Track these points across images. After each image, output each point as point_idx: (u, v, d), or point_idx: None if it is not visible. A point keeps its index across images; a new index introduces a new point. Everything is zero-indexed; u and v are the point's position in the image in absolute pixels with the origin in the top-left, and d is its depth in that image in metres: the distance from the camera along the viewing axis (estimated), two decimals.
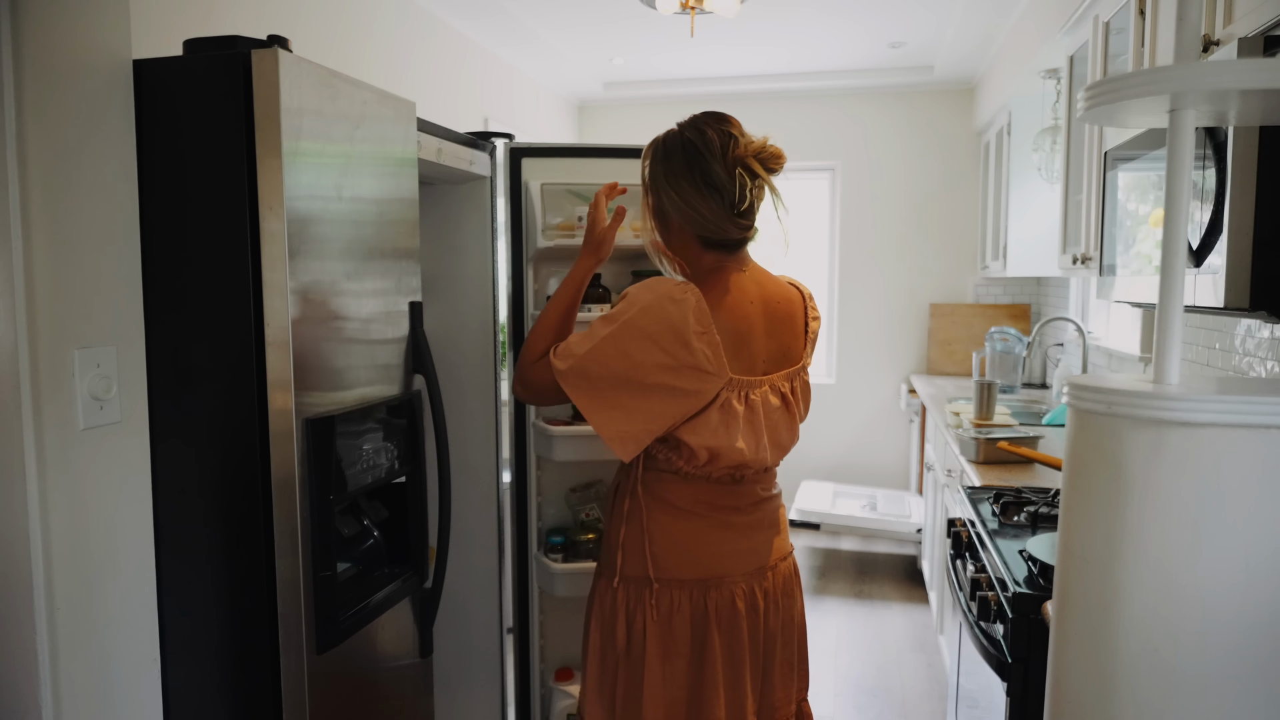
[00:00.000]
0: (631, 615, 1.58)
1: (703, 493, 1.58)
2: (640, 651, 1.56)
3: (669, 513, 1.58)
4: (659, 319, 1.46)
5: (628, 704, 1.58)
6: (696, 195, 1.52)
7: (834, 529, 4.41)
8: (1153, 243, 1.61)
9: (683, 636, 1.57)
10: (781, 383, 1.60)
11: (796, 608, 1.73)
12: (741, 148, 1.52)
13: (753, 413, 1.54)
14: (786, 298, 1.64)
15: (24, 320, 1.18)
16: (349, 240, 1.49)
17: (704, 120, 1.55)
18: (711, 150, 1.51)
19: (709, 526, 1.59)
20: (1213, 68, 0.94)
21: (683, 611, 1.57)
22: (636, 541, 1.59)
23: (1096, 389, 0.99)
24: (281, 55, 1.30)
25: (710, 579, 1.58)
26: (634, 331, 1.46)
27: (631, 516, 1.60)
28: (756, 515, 1.65)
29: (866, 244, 5.39)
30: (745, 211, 1.53)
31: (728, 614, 1.58)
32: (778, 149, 1.55)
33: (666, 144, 1.56)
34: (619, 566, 1.60)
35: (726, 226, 1.53)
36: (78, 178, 1.26)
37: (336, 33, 3.14)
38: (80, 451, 1.27)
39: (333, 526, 1.44)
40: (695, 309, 1.47)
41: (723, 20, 4.02)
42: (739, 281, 1.58)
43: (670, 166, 1.54)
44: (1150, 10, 2.00)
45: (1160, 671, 0.96)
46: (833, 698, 3.22)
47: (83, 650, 1.28)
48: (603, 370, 1.48)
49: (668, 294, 1.48)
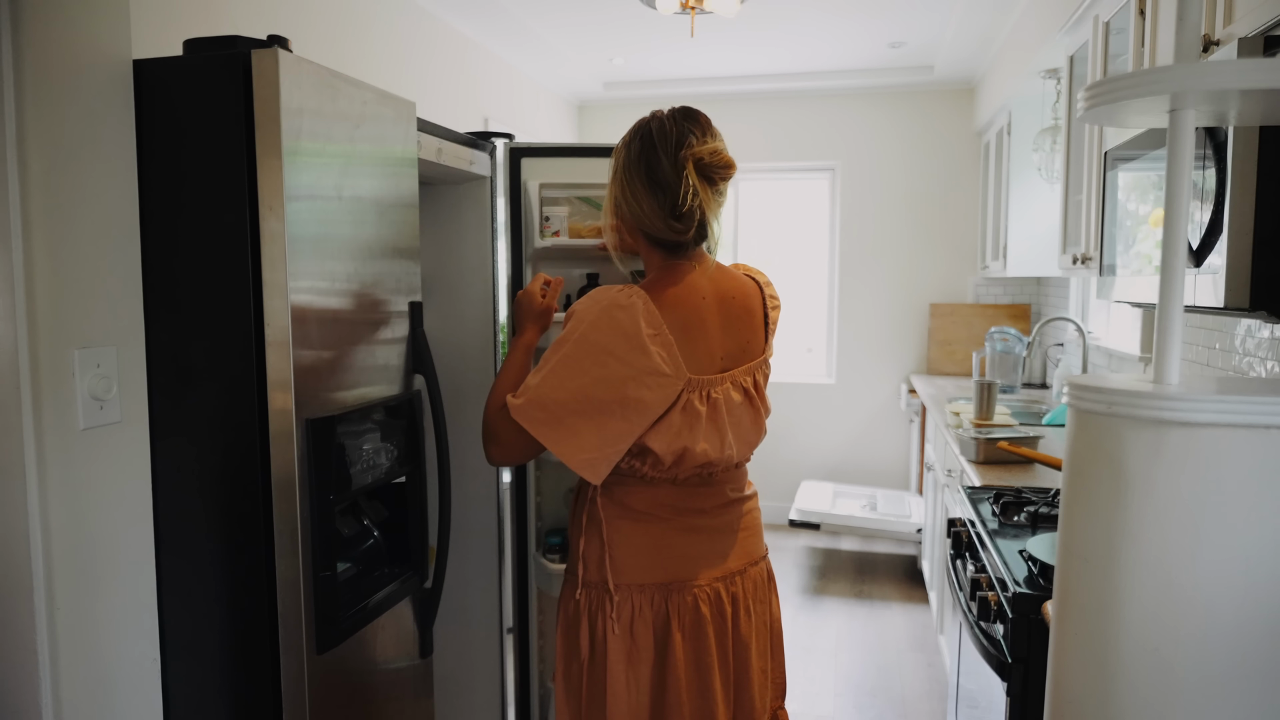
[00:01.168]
0: (594, 622, 1.56)
1: (666, 496, 1.55)
2: (603, 658, 1.54)
3: (629, 518, 1.55)
4: (610, 329, 1.43)
5: (592, 711, 1.56)
6: (642, 190, 1.49)
7: (834, 529, 4.41)
8: (1153, 243, 1.61)
9: (645, 643, 1.54)
10: (743, 377, 1.56)
11: (771, 613, 1.69)
12: (692, 149, 1.46)
13: (715, 411, 1.51)
14: (743, 291, 1.60)
15: (24, 320, 1.18)
16: (349, 240, 1.49)
17: (671, 114, 1.51)
18: (664, 145, 1.47)
19: (671, 530, 1.56)
20: (1213, 68, 0.94)
21: (644, 616, 1.54)
22: (596, 550, 1.56)
23: (1096, 389, 0.99)
24: (281, 55, 1.30)
25: (672, 583, 1.55)
26: (587, 348, 1.43)
27: (591, 526, 1.58)
28: (724, 518, 1.61)
29: (866, 244, 5.39)
30: (684, 215, 1.47)
31: (691, 618, 1.55)
32: (727, 158, 1.49)
33: (634, 132, 1.53)
34: (580, 575, 1.58)
35: (660, 227, 1.49)
36: (78, 178, 1.26)
37: (336, 33, 3.14)
38: (80, 451, 1.27)
39: (333, 526, 1.44)
40: (644, 312, 1.44)
41: (723, 20, 4.02)
42: (690, 279, 1.53)
43: (629, 156, 1.51)
44: (1150, 10, 2.00)
45: (1160, 671, 0.96)
46: (833, 698, 3.22)
47: (83, 650, 1.28)
48: (561, 395, 1.43)
49: (613, 302, 1.45)
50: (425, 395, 1.72)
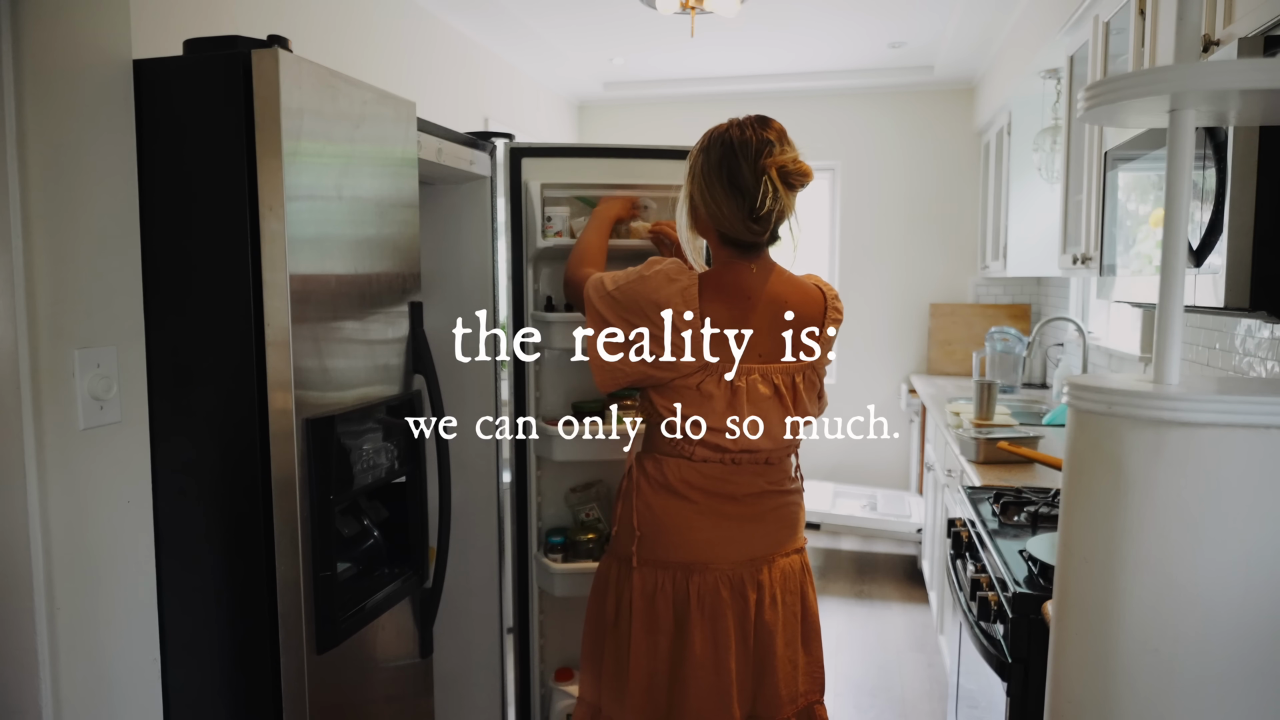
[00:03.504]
0: (620, 590, 1.69)
1: (698, 478, 1.65)
2: (627, 626, 1.66)
3: (661, 494, 1.66)
4: (649, 291, 1.61)
5: (615, 672, 1.68)
6: (722, 192, 1.59)
7: (834, 529, 4.41)
8: (1153, 243, 1.61)
9: (665, 616, 1.65)
10: (777, 375, 1.65)
11: (805, 605, 1.76)
12: (771, 156, 1.57)
13: (735, 395, 1.61)
14: (803, 299, 1.69)
15: (24, 320, 1.18)
16: (349, 240, 1.49)
17: (749, 122, 1.62)
18: (745, 152, 1.57)
19: (699, 513, 1.65)
20: (1213, 68, 0.94)
21: (665, 592, 1.65)
22: (627, 520, 1.69)
23: (1096, 389, 0.99)
24: (282, 55, 1.30)
25: (694, 564, 1.65)
26: (632, 293, 1.62)
27: (626, 495, 1.71)
28: (757, 508, 1.68)
29: (866, 244, 5.39)
30: (761, 217, 1.59)
31: (711, 600, 1.64)
32: (805, 166, 1.60)
33: (712, 138, 1.63)
34: (614, 543, 1.74)
35: (739, 228, 1.61)
36: (78, 178, 1.26)
37: (337, 33, 3.14)
38: (80, 451, 1.27)
39: (333, 526, 1.44)
40: (683, 292, 1.59)
41: (723, 20, 4.02)
42: (746, 277, 1.66)
43: (708, 160, 1.62)
44: (1150, 10, 2.00)
45: (1160, 671, 0.96)
46: (833, 698, 3.22)
47: (83, 650, 1.28)
48: (618, 301, 1.63)
49: (666, 272, 1.62)
50: (425, 395, 1.72)
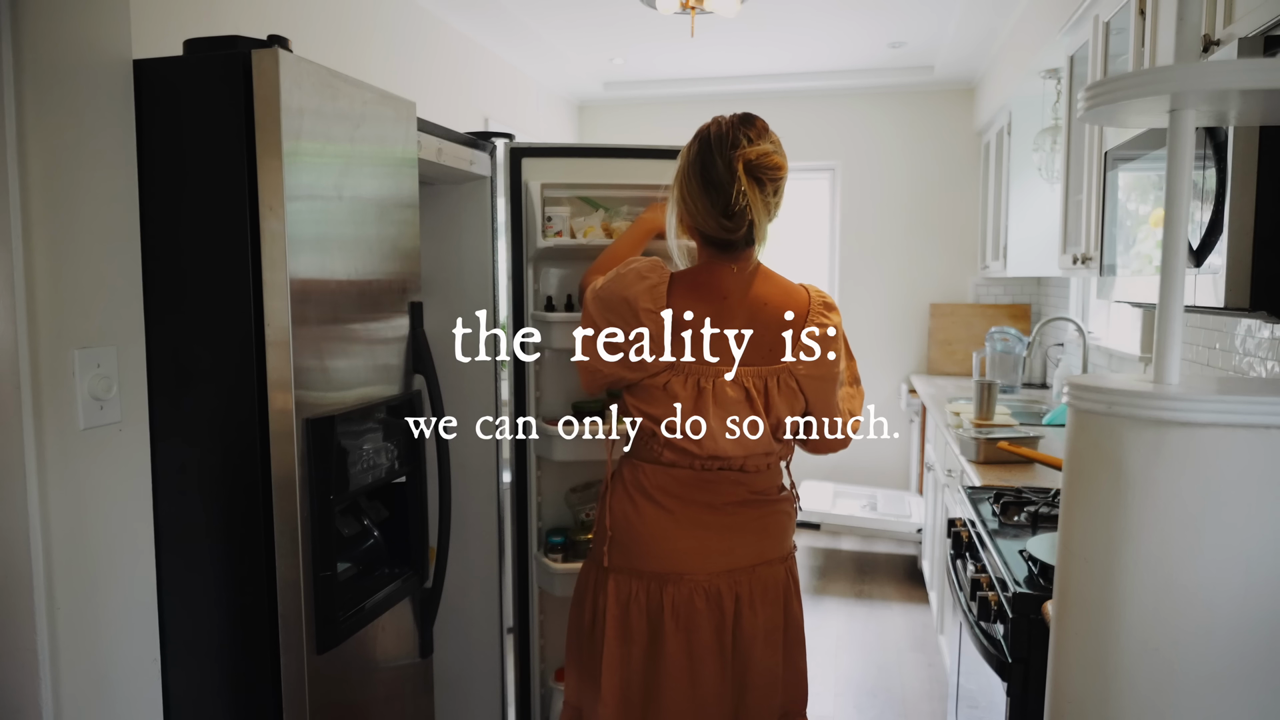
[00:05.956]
0: (596, 596, 1.67)
1: (675, 485, 1.61)
2: (601, 632, 1.64)
3: (637, 501, 1.63)
4: (620, 288, 1.59)
5: (592, 676, 1.67)
6: (698, 188, 1.56)
7: (834, 529, 4.41)
8: (1153, 243, 1.60)
9: (639, 625, 1.62)
10: (749, 378, 1.58)
11: (788, 616, 1.70)
12: (741, 149, 1.52)
13: (701, 397, 1.57)
14: (786, 300, 1.62)
15: (24, 320, 1.18)
16: (349, 240, 1.49)
17: (731, 118, 1.58)
18: (720, 147, 1.54)
19: (675, 524, 1.61)
20: (1213, 68, 0.94)
21: (639, 601, 1.62)
22: (601, 521, 1.68)
23: (1097, 389, 0.99)
24: (282, 55, 1.30)
25: (669, 574, 1.61)
26: (608, 292, 1.61)
27: (602, 498, 1.70)
28: (739, 517, 1.63)
29: (867, 244, 5.39)
30: (735, 214, 1.53)
31: (685, 611, 1.61)
32: (775, 160, 1.54)
33: (696, 134, 1.61)
34: (592, 546, 1.72)
35: (713, 224, 1.56)
36: (78, 178, 1.26)
37: (336, 32, 3.14)
38: (80, 451, 1.27)
39: (333, 526, 1.44)
40: (652, 290, 1.57)
41: (723, 20, 4.02)
42: (725, 277, 1.61)
43: (688, 156, 1.59)
44: (1150, 10, 2.00)
45: (1160, 671, 0.96)
46: (833, 698, 3.22)
47: (83, 650, 1.28)
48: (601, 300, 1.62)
49: (638, 270, 1.60)
50: (425, 395, 1.72)
